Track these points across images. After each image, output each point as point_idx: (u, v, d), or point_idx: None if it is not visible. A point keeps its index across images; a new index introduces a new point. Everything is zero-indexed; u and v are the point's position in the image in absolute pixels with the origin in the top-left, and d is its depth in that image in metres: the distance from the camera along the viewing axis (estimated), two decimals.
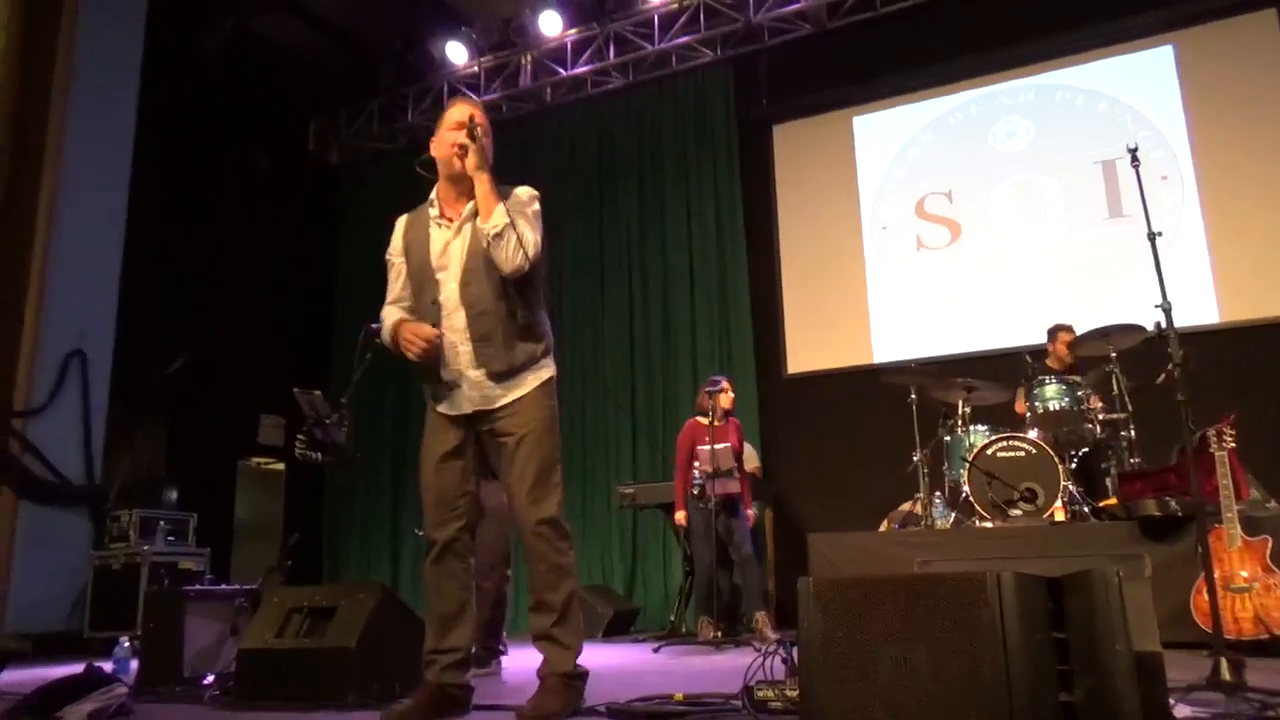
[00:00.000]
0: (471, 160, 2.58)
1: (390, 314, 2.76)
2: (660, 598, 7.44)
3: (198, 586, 5.49)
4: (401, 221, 2.82)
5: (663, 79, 8.51)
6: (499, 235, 2.55)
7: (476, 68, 8.82)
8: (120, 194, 4.78)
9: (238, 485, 8.66)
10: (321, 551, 9.01)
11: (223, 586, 5.53)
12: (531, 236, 2.59)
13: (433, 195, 2.76)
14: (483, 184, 2.58)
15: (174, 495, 7.72)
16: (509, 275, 2.58)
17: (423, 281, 2.69)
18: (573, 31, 8.44)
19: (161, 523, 6.35)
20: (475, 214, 2.62)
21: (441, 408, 2.70)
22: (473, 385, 2.63)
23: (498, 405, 2.63)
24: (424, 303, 2.69)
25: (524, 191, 2.71)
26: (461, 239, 2.65)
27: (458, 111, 2.68)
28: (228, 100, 8.52)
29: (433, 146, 2.74)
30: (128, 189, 4.83)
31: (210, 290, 8.11)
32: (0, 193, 4.29)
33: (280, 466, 9.07)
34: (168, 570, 6.08)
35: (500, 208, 2.57)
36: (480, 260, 2.60)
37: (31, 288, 4.30)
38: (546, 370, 2.70)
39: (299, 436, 4.06)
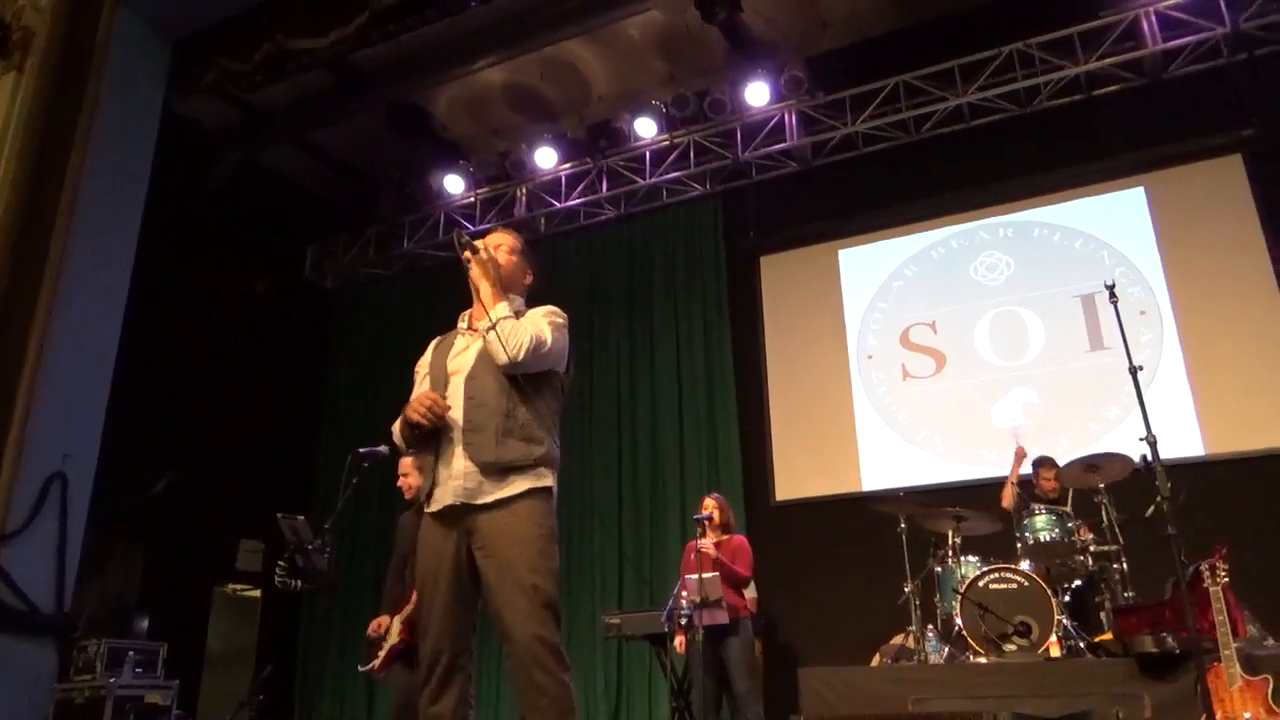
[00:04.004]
0: (473, 271, 2.79)
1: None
2: None
3: None
4: (435, 340, 2.95)
5: (654, 211, 8.76)
6: (490, 330, 2.67)
7: (473, 198, 9.07)
8: (115, 317, 4.79)
9: (212, 613, 8.38)
10: (295, 685, 8.68)
11: None
12: (529, 335, 2.65)
13: (465, 314, 2.92)
14: (483, 290, 2.76)
15: (145, 624, 7.48)
16: (504, 368, 2.64)
17: (438, 382, 2.76)
18: (567, 166, 8.73)
19: (130, 653, 6.13)
20: None
21: (430, 506, 2.65)
22: (459, 476, 2.58)
23: (481, 501, 2.55)
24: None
25: (545, 307, 2.86)
26: (478, 344, 2.75)
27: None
28: (228, 226, 8.68)
29: None
30: (123, 312, 4.84)
31: (198, 413, 8.06)
32: None
33: (256, 594, 8.82)
34: (133, 705, 5.83)
35: (499, 306, 2.70)
36: (490, 362, 2.68)
37: (17, 408, 4.26)
38: (543, 480, 2.62)
39: (279, 563, 3.99)
